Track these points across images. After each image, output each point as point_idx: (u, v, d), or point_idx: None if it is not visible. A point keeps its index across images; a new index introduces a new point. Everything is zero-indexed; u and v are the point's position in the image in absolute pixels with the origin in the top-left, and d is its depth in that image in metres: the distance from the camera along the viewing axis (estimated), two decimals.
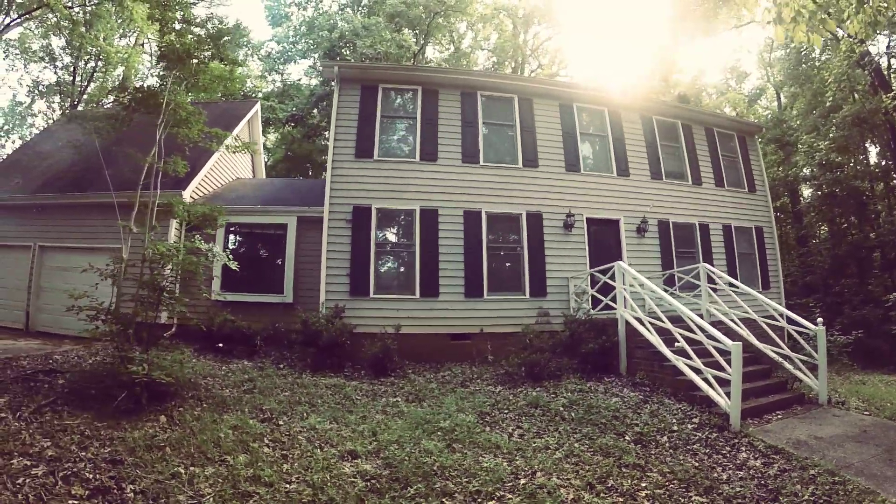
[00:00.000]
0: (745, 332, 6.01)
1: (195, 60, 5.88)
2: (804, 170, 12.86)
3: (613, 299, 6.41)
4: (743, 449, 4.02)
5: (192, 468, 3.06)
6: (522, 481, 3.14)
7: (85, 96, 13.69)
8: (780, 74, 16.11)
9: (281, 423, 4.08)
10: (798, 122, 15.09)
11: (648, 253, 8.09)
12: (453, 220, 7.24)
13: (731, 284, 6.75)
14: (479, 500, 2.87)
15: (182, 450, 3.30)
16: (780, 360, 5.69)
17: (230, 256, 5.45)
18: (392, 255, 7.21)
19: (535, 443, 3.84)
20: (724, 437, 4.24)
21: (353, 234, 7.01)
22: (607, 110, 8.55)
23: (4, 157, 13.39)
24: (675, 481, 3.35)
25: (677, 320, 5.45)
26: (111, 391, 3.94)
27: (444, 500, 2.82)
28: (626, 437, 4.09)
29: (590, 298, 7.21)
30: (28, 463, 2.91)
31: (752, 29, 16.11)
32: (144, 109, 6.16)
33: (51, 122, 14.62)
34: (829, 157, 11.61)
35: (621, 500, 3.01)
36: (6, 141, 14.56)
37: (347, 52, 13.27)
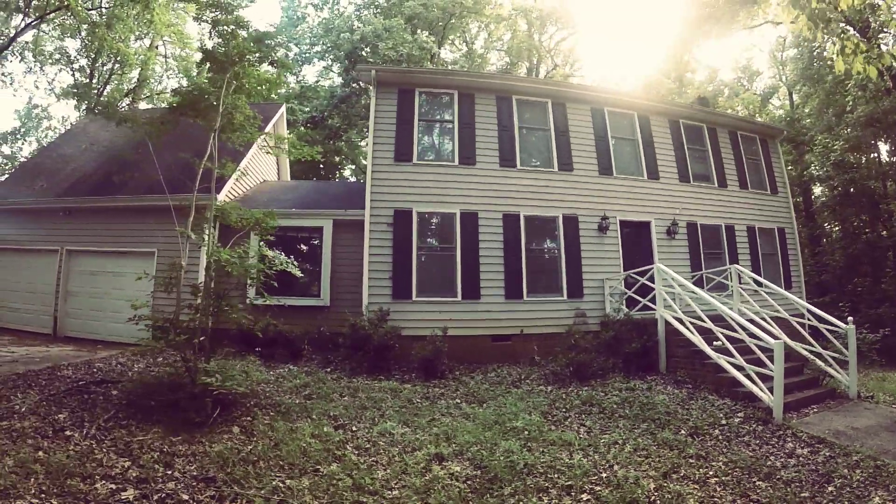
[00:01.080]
0: (777, 330, 6.53)
1: (246, 63, 6.09)
2: (819, 170, 13.47)
3: (652, 300, 6.89)
4: (788, 439, 4.50)
5: (288, 481, 3.08)
6: (604, 474, 3.54)
7: (102, 98, 13.81)
8: (794, 73, 16.70)
9: (355, 429, 4.25)
10: (810, 121, 15.72)
11: (678, 254, 8.58)
12: (492, 223, 7.65)
13: (761, 284, 7.28)
14: (573, 493, 3.19)
15: (270, 462, 3.33)
16: (812, 357, 6.23)
17: (295, 263, 5.65)
18: (433, 258, 7.59)
19: (602, 439, 4.26)
20: (770, 430, 4.71)
21: (395, 237, 7.38)
22: (636, 114, 8.98)
23: (24, 159, 13.48)
24: (736, 469, 3.80)
25: (715, 320, 5.94)
26: (179, 403, 3.90)
27: (540, 495, 3.12)
28: (682, 432, 4.54)
29: (624, 299, 7.71)
30: (114, 486, 2.79)
31: (763, 28, 16.69)
32: (193, 113, 6.32)
33: (67, 124, 14.74)
34: (845, 157, 12.22)
35: (696, 486, 3.44)
36: (23, 143, 14.64)
37: (368, 53, 13.49)
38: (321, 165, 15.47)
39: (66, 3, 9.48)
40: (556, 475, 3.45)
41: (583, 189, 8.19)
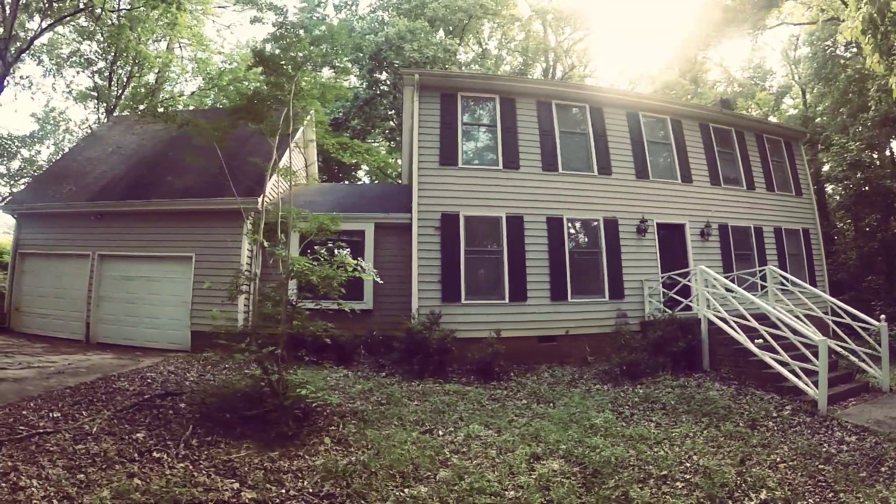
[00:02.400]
0: (812, 328, 7.20)
1: (307, 68, 6.34)
2: (835, 169, 14.27)
3: (692, 299, 7.51)
4: (836, 429, 5.11)
5: (406, 490, 3.23)
6: (688, 464, 4.05)
7: (121, 101, 13.94)
8: (808, 72, 17.46)
9: (442, 433, 4.48)
10: (823, 119, 16.54)
11: (711, 255, 9.20)
12: (537, 226, 8.16)
13: (796, 284, 7.95)
14: (668, 481, 3.63)
15: (381, 472, 3.45)
16: (846, 353, 6.91)
17: (373, 273, 5.66)
18: (480, 261, 8.07)
19: (673, 432, 4.79)
20: (817, 421, 5.32)
21: (443, 241, 7.84)
22: (669, 118, 9.56)
23: (42, 162, 13.56)
24: (799, 455, 4.37)
25: (755, 319, 6.56)
26: (266, 415, 3.94)
27: (640, 485, 3.53)
28: (741, 424, 5.11)
29: (662, 299, 8.33)
30: None
31: (776, 27, 17.42)
32: (249, 116, 6.54)
33: (85, 127, 14.81)
34: (861, 157, 13.03)
35: (771, 471, 4.00)
36: (40, 147, 14.67)
37: (392, 56, 13.77)
38: (336, 168, 15.79)
39: (90, 5, 9.60)
40: (648, 466, 3.95)
41: (621, 192, 8.75)
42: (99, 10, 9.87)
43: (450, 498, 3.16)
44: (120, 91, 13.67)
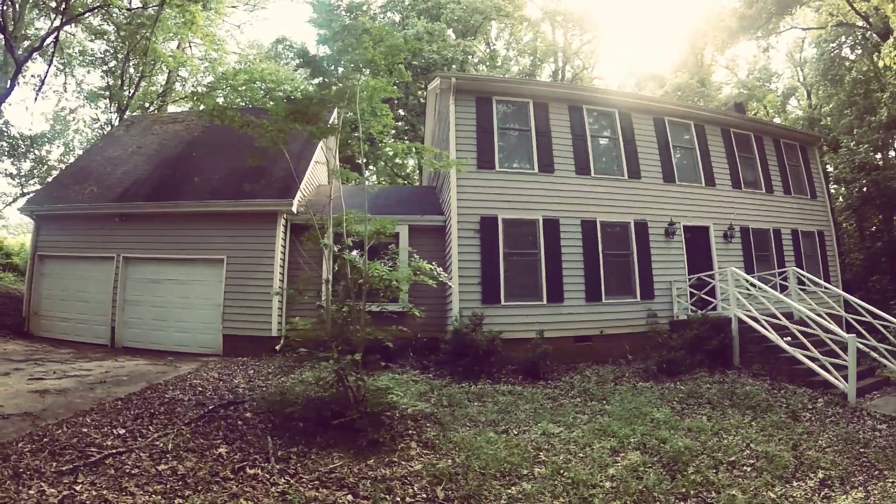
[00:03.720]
0: (834, 325, 7.90)
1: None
2: (842, 171, 15.20)
3: (724, 300, 8.14)
4: (867, 418, 5.75)
5: (512, 488, 3.49)
6: (747, 451, 4.61)
7: (133, 100, 14.00)
8: (814, 74, 18.46)
9: (516, 432, 4.81)
10: (829, 120, 17.54)
11: (734, 257, 9.88)
12: (572, 229, 8.69)
13: (817, 284, 8.68)
14: (738, 466, 4.11)
15: (482, 473, 3.68)
16: (867, 349, 7.63)
17: (446, 277, 5.81)
18: (518, 263, 8.54)
19: (724, 423, 5.32)
20: (848, 411, 5.95)
21: (482, 243, 8.30)
22: (693, 124, 10.22)
23: (55, 162, 13.54)
24: (840, 441, 4.97)
25: (784, 317, 7.21)
26: (353, 423, 4.02)
27: (716, 471, 4.00)
28: (783, 415, 5.70)
29: (690, 299, 8.96)
30: None
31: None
32: (303, 118, 6.74)
33: (97, 126, 14.81)
34: (869, 158, 13.96)
35: (820, 454, 4.59)
36: (50, 147, 14.56)
37: (410, 57, 14.13)
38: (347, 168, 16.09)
39: (106, 3, 9.72)
40: (715, 454, 4.45)
41: (650, 196, 9.35)
42: (115, 3, 10.01)
43: (556, 491, 3.45)
44: (132, 90, 13.77)
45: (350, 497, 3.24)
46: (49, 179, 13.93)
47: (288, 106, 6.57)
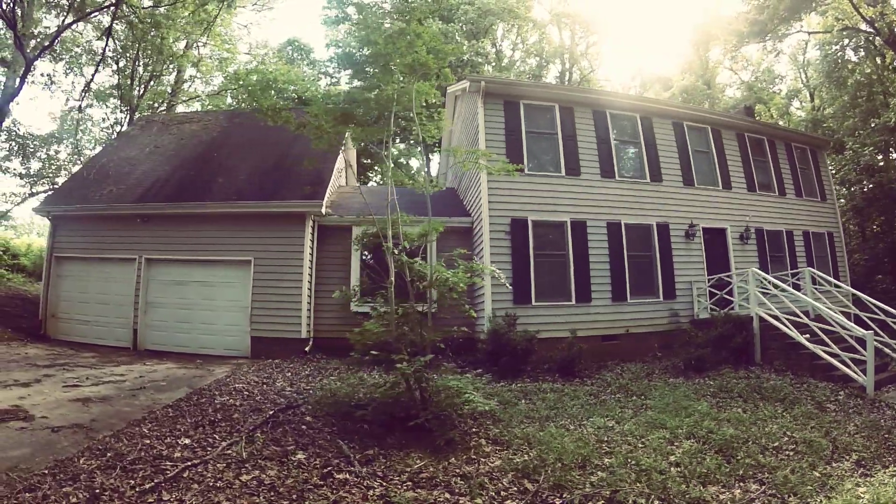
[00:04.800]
0: (851, 323, 8.54)
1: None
2: (849, 172, 16.03)
3: (743, 299, 8.72)
4: (886, 409, 6.32)
5: (591, 477, 3.79)
6: (786, 438, 5.15)
7: (143, 100, 14.14)
8: (818, 74, 19.25)
9: (572, 427, 5.12)
10: (831, 122, 18.40)
11: (750, 258, 10.49)
12: (598, 230, 9.19)
13: (832, 284, 9.33)
14: (783, 450, 4.59)
15: (558, 465, 3.97)
16: (881, 346, 8.27)
17: (503, 276, 6.15)
18: (548, 264, 9.00)
19: (759, 414, 5.81)
20: (868, 403, 6.51)
21: (512, 244, 8.76)
22: (710, 128, 10.83)
23: (69, 163, 13.59)
24: (865, 429, 5.51)
25: (799, 316, 7.78)
26: (425, 424, 4.21)
27: (763, 454, 4.46)
28: (810, 406, 6.27)
29: (709, 299, 9.53)
30: None
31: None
32: (350, 120, 6.89)
33: (106, 126, 14.89)
34: (873, 161, 14.78)
35: (851, 438, 5.13)
36: (58, 147, 14.59)
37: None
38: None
39: (119, 1, 9.91)
40: (760, 441, 4.94)
41: (671, 199, 9.90)
42: (131, 2, 10.22)
43: (630, 478, 3.75)
44: (142, 90, 13.90)
45: (448, 495, 3.38)
46: (58, 179, 14.02)
47: (335, 108, 6.76)
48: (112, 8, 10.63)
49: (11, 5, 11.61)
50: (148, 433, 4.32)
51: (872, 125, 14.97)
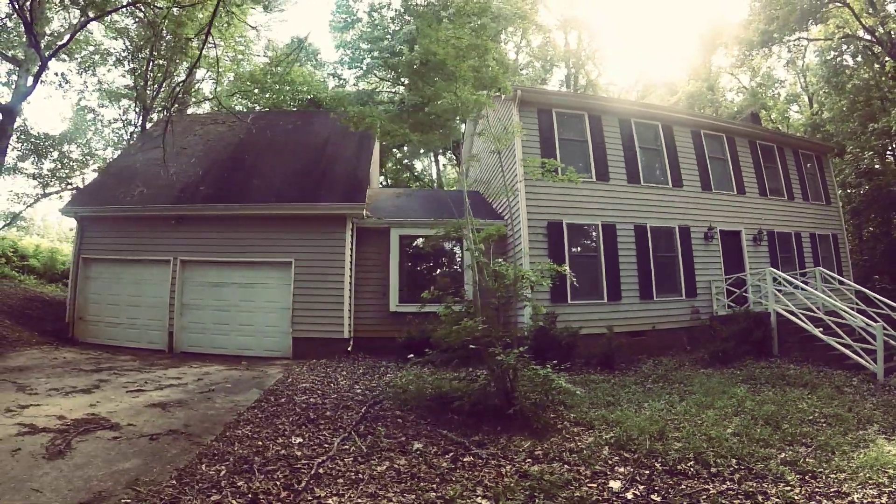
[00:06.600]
0: (861, 317, 9.70)
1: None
2: (848, 175, 17.47)
3: (761, 296, 9.80)
4: (895, 392, 7.48)
5: (674, 445, 4.46)
6: (816, 413, 6.12)
7: (157, 100, 14.51)
8: (818, 78, 20.77)
9: (634, 409, 5.88)
10: (831, 126, 19.91)
11: (762, 258, 11.62)
12: (626, 233, 10.16)
13: (842, 283, 10.50)
14: (818, 423, 5.55)
15: (642, 437, 4.70)
16: (887, 338, 9.42)
17: (571, 275, 6.95)
18: (581, 264, 9.91)
19: (788, 397, 6.82)
20: (878, 387, 7.56)
21: (549, 246, 9.65)
22: (725, 136, 11.97)
23: (81, 164, 13.88)
24: (881, 406, 6.54)
25: (813, 311, 8.88)
26: (521, 413, 4.79)
27: (802, 426, 5.40)
28: (829, 389, 7.31)
29: (727, 297, 10.61)
30: (620, 485, 3.50)
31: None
32: (424, 129, 7.53)
33: (119, 125, 15.16)
34: (872, 164, 16.22)
35: (870, 412, 6.12)
36: (71, 147, 14.79)
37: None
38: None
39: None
40: (795, 415, 5.92)
41: (691, 203, 10.97)
42: (147, 8, 10.72)
43: (703, 445, 4.55)
44: (156, 89, 14.29)
45: (567, 467, 3.95)
46: (72, 181, 14.32)
47: (411, 114, 7.44)
48: (132, 6, 11.10)
49: (28, 1, 11.94)
50: (252, 434, 4.52)
51: (871, 130, 16.42)
